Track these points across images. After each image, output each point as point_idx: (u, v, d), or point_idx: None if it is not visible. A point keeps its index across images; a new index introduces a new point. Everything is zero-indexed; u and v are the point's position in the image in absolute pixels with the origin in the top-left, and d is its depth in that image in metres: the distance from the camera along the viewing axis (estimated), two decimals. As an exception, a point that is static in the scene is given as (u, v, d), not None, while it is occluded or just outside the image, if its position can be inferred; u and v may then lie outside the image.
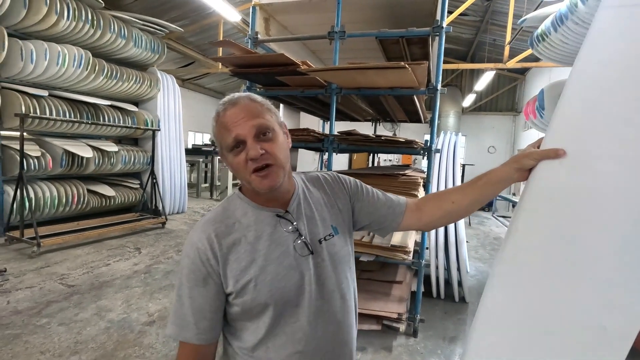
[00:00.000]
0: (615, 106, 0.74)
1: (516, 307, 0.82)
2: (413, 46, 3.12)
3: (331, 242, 0.90)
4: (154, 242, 5.39)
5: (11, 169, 5.07)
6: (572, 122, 0.81)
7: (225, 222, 0.85)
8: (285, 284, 0.82)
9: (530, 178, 0.85)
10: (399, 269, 3.47)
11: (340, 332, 0.89)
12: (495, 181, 0.92)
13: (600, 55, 0.78)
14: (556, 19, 2.12)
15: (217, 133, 0.83)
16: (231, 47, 2.78)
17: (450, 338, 2.98)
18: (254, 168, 0.79)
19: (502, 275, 0.87)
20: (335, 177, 1.01)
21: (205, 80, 14.19)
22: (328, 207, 0.94)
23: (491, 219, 9.30)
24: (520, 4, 7.32)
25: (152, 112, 7.07)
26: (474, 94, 11.62)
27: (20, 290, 3.40)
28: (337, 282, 0.89)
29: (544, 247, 0.80)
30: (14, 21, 4.77)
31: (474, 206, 0.95)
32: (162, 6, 8.36)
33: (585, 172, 0.76)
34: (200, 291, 0.81)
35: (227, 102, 0.83)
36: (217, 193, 10.39)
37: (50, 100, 5.23)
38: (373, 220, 1.00)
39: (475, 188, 0.94)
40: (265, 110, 0.83)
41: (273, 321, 0.82)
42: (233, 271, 0.81)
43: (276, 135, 0.82)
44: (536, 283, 0.80)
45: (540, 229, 0.82)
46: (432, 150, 2.85)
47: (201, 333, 0.81)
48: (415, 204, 1.01)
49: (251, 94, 0.86)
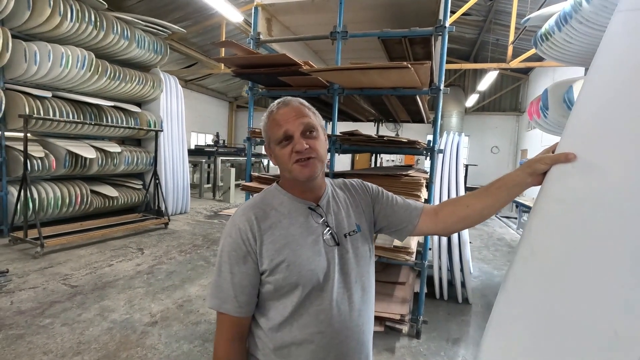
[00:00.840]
0: (631, 110, 0.73)
1: (529, 310, 0.81)
2: (416, 46, 3.11)
3: (355, 237, 0.99)
4: (157, 243, 5.40)
5: (15, 169, 5.11)
6: (587, 126, 0.81)
7: (264, 208, 0.95)
8: (315, 268, 0.90)
9: (544, 182, 0.86)
10: (402, 270, 3.45)
11: (360, 320, 0.96)
12: (510, 185, 0.94)
13: (615, 58, 0.77)
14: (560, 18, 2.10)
15: (268, 128, 0.94)
16: (233, 47, 2.77)
17: (454, 339, 2.97)
18: (297, 159, 0.89)
19: (516, 278, 0.87)
20: (359, 183, 1.11)
21: (208, 80, 14.22)
22: (353, 207, 1.03)
23: (495, 220, 9.26)
24: (523, 3, 7.28)
25: (155, 112, 7.10)
26: (477, 94, 11.58)
27: (24, 291, 3.41)
28: (359, 274, 0.97)
29: (556, 251, 0.80)
30: (18, 23, 4.81)
31: (488, 211, 0.97)
32: (164, 7, 8.39)
33: (599, 176, 0.75)
34: (240, 268, 0.90)
35: (281, 103, 0.95)
36: (220, 193, 10.41)
37: (53, 101, 5.26)
38: (390, 222, 1.06)
39: (490, 193, 0.96)
40: (311, 112, 0.95)
41: (300, 301, 0.89)
42: (269, 251, 0.89)
43: (319, 134, 0.94)
44: (548, 287, 0.79)
45: (553, 232, 0.82)
46: (435, 150, 2.84)
47: (240, 306, 0.90)
48: (433, 209, 1.06)
49: (301, 99, 0.98)
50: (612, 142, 0.75)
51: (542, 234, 0.85)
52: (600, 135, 0.77)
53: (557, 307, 0.76)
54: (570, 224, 0.79)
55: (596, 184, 0.75)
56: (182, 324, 2.98)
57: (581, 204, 0.77)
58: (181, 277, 4.01)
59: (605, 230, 0.72)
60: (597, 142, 0.77)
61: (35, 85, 5.28)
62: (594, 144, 0.78)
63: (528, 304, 0.82)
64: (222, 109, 16.56)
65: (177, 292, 3.60)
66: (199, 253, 5.00)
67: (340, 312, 0.92)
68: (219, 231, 6.38)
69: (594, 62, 0.81)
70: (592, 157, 0.77)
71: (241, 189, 3.17)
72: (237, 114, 17.25)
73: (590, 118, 0.80)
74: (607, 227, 0.72)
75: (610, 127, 0.76)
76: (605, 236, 0.72)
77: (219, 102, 16.08)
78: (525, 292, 0.84)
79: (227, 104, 16.86)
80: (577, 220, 0.77)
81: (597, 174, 0.76)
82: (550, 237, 0.82)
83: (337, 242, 0.95)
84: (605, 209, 0.73)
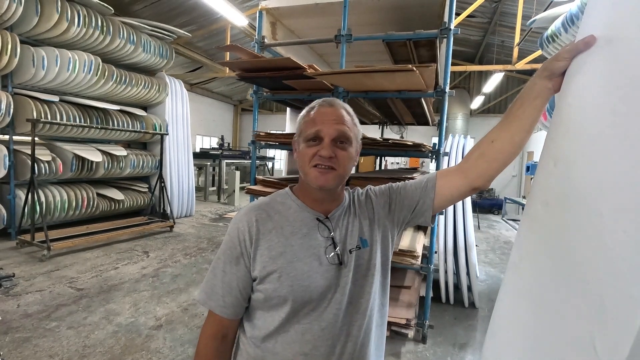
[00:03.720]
0: (607, 108, 0.65)
1: (519, 316, 0.79)
2: (421, 48, 3.10)
3: (359, 253, 0.90)
4: (162, 246, 5.42)
5: (23, 173, 5.16)
6: (567, 124, 0.74)
7: (268, 211, 0.90)
8: (309, 285, 0.84)
9: (533, 182, 0.81)
10: (408, 274, 3.42)
11: (351, 346, 0.87)
12: (531, 99, 0.80)
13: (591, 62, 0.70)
14: (567, 20, 2.08)
15: (303, 121, 0.90)
16: (238, 51, 2.78)
17: (461, 345, 2.93)
18: (317, 163, 0.84)
19: (508, 282, 0.86)
20: (382, 187, 1.02)
21: (213, 84, 14.31)
22: (367, 220, 0.94)
23: (501, 223, 9.18)
24: (529, 5, 7.24)
25: (161, 116, 7.15)
26: (482, 96, 11.52)
27: (31, 294, 3.43)
28: (358, 296, 0.89)
29: (543, 257, 0.75)
30: (26, 28, 4.87)
31: (520, 135, 0.83)
32: (170, 12, 8.47)
33: (579, 175, 0.68)
34: (232, 268, 0.87)
35: (325, 102, 0.90)
36: (225, 196, 10.44)
37: (60, 105, 5.31)
38: (408, 207, 0.96)
39: (513, 117, 0.83)
40: (352, 123, 0.89)
41: (288, 316, 0.84)
42: (263, 257, 0.85)
43: (350, 148, 0.88)
44: (534, 292, 0.76)
45: (539, 237, 0.78)
46: (441, 153, 2.82)
47: (225, 306, 0.87)
48: (456, 167, 0.94)
49: (347, 105, 0.92)
50: (592, 139, 0.67)
51: (529, 239, 0.81)
52: (580, 133, 0.70)
53: (540, 315, 0.73)
54: (555, 228, 0.73)
55: (577, 184, 0.69)
56: (186, 328, 2.98)
57: (563, 206, 0.71)
58: (186, 281, 4.01)
59: (586, 233, 0.66)
60: (577, 140, 0.71)
61: (43, 90, 5.35)
62: (575, 142, 0.71)
63: (518, 310, 0.80)
64: (227, 112, 16.64)
65: (182, 296, 3.60)
66: (204, 256, 5.01)
67: (327, 337, 0.84)
68: (223, 234, 6.37)
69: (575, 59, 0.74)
70: (573, 155, 0.70)
71: (245, 192, 3.17)
72: (242, 117, 17.32)
73: (571, 116, 0.73)
74: (588, 229, 0.65)
75: (588, 125, 0.68)
76: (587, 238, 0.65)
77: (223, 105, 16.17)
78: (516, 300, 0.81)
79: (232, 107, 16.94)
80: (560, 223, 0.72)
81: (577, 173, 0.69)
82: (537, 242, 0.78)
83: (340, 261, 0.87)
84: (586, 210, 0.66)
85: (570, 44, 0.72)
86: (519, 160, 13.56)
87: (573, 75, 0.73)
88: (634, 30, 0.62)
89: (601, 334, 0.59)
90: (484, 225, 8.54)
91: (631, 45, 0.62)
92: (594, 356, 0.59)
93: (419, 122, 5.28)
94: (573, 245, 0.68)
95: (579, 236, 0.67)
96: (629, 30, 0.63)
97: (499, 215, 10.16)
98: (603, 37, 0.67)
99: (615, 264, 0.58)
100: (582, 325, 0.63)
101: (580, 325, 0.63)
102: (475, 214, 8.68)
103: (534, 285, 0.77)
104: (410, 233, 3.29)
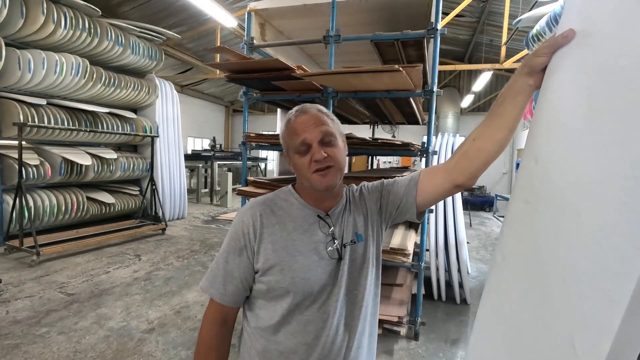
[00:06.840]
0: (587, 105, 0.64)
1: (501, 315, 0.80)
2: (409, 48, 3.12)
3: (353, 247, 0.95)
4: (154, 249, 5.38)
5: (10, 177, 5.08)
6: (548, 123, 0.73)
7: (271, 207, 0.95)
8: (310, 277, 0.89)
9: (515, 180, 0.82)
10: (399, 272, 3.45)
11: (350, 335, 0.93)
12: (512, 96, 0.81)
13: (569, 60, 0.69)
14: (551, 19, 2.12)
15: (287, 136, 0.93)
16: (226, 53, 2.78)
17: (452, 340, 2.96)
18: (316, 168, 0.88)
19: (491, 281, 0.87)
20: (375, 183, 1.07)
21: (203, 85, 14.22)
22: (362, 215, 1.00)
23: (492, 219, 9.28)
24: (515, 5, 7.34)
25: (151, 118, 7.09)
26: (472, 95, 11.63)
27: (20, 300, 3.39)
28: (354, 288, 0.94)
29: (523, 256, 0.76)
30: (12, 31, 4.79)
31: (501, 133, 0.83)
32: (159, 13, 8.40)
33: (559, 173, 0.68)
34: (235, 258, 0.92)
35: (299, 111, 0.94)
36: (217, 198, 10.39)
37: (48, 108, 5.24)
38: (394, 203, 0.99)
39: (494, 115, 0.85)
40: (329, 120, 0.93)
41: (290, 308, 0.89)
42: (266, 250, 0.90)
43: (337, 142, 0.92)
44: (515, 292, 0.76)
45: (520, 236, 0.78)
46: (429, 151, 2.85)
47: (225, 294, 0.93)
48: (440, 165, 0.98)
49: (319, 106, 0.96)
50: (569, 137, 0.67)
51: (511, 238, 0.81)
52: (559, 130, 0.70)
53: (523, 313, 0.73)
54: (535, 226, 0.73)
55: (556, 182, 0.68)
56: (179, 330, 2.96)
57: (543, 204, 0.71)
58: (178, 283, 3.99)
59: (565, 232, 0.65)
60: (556, 137, 0.70)
61: (30, 93, 5.27)
62: (554, 139, 0.71)
63: (499, 308, 0.81)
64: (219, 114, 16.56)
65: (175, 299, 3.59)
66: (197, 259, 4.98)
67: (328, 327, 0.89)
68: (216, 236, 6.36)
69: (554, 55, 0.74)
70: (552, 153, 0.70)
71: (237, 194, 3.16)
72: (234, 118, 17.25)
73: (551, 112, 0.72)
74: (567, 227, 0.65)
75: (566, 122, 0.68)
76: (566, 237, 0.65)
77: (215, 106, 16.08)
78: (499, 299, 0.82)
79: (223, 109, 16.86)
80: (540, 222, 0.71)
81: (556, 171, 0.68)
82: (518, 241, 0.78)
83: (340, 256, 0.93)
84: (564, 208, 0.65)
85: (549, 39, 0.72)
86: (510, 158, 13.72)
87: (553, 71, 0.73)
88: (610, 25, 0.61)
89: (580, 334, 0.59)
90: (476, 222, 8.63)
91: (607, 40, 0.62)
92: (574, 355, 0.59)
93: (409, 122, 5.32)
94: (552, 245, 0.67)
95: (558, 235, 0.66)
96: (606, 25, 0.62)
97: (490, 213, 10.27)
98: (581, 31, 0.66)
99: (594, 264, 0.58)
100: (562, 325, 0.62)
101: (560, 324, 0.63)
102: (466, 212, 8.76)
103: (515, 285, 0.77)
104: (401, 231, 3.32)
